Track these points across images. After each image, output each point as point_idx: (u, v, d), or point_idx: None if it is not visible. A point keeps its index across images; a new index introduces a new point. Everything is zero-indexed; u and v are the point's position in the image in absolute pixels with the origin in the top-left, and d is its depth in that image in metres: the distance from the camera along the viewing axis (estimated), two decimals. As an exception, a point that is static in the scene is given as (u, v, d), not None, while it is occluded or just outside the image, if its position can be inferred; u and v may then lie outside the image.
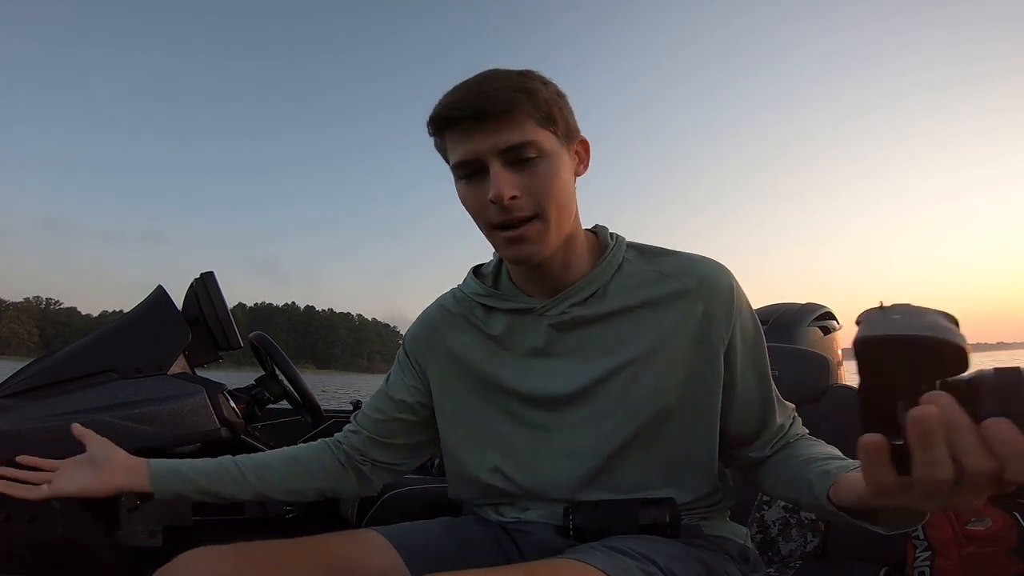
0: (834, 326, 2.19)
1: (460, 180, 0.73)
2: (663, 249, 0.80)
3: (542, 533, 0.78)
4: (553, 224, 0.71)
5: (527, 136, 0.69)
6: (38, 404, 1.25)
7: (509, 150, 0.68)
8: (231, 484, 0.83)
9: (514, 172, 0.69)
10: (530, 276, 0.79)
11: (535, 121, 0.69)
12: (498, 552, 0.80)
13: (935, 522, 1.00)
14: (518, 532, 0.81)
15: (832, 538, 1.15)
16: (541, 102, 0.70)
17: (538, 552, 0.77)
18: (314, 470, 0.87)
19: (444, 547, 0.78)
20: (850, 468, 0.64)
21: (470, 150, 0.69)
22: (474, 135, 0.69)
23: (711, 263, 0.78)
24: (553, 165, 0.71)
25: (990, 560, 0.96)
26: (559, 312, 0.77)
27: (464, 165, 0.71)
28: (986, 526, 0.99)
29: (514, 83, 0.69)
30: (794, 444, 0.79)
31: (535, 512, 0.79)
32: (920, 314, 0.43)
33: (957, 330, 0.42)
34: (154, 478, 0.81)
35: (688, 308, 0.75)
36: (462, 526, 0.83)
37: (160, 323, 1.44)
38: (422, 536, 0.79)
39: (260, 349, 1.78)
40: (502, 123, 0.68)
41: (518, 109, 0.68)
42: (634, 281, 0.77)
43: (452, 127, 0.70)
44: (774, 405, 0.79)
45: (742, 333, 0.77)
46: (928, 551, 0.99)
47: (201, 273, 1.59)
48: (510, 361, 0.80)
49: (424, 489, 1.43)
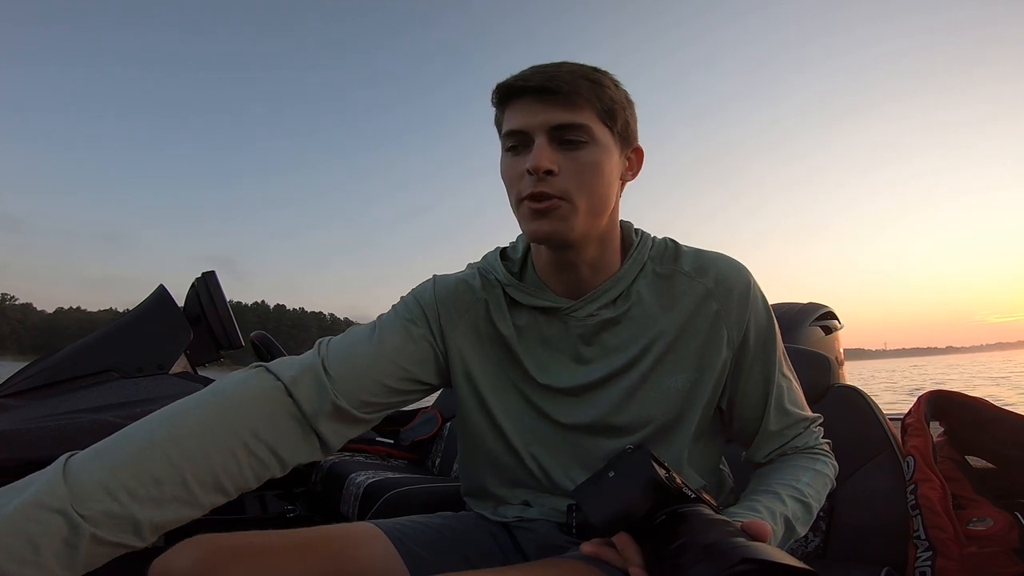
0: (835, 326, 2.19)
1: (506, 151, 0.73)
2: (685, 247, 0.81)
3: (544, 530, 0.79)
4: (582, 211, 0.70)
5: (580, 119, 0.69)
6: (39, 403, 1.25)
7: (559, 128, 0.69)
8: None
9: (558, 150, 0.69)
10: (556, 269, 0.77)
11: (594, 111, 0.70)
12: (494, 547, 0.80)
13: (936, 522, 1.00)
14: (519, 529, 0.81)
15: (833, 538, 1.15)
16: (606, 97, 0.71)
17: (540, 549, 0.78)
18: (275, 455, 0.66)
19: (439, 540, 0.78)
20: (750, 507, 0.69)
21: (522, 122, 0.70)
22: (531, 108, 0.69)
23: (730, 263, 0.79)
24: (599, 156, 0.71)
25: (991, 560, 0.96)
26: (586, 315, 0.77)
27: (513, 135, 0.71)
28: (987, 526, 0.99)
29: (585, 72, 0.70)
30: (782, 459, 0.80)
31: (537, 509, 0.79)
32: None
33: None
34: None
35: (704, 308, 0.76)
36: (459, 521, 0.83)
37: (162, 322, 1.44)
38: (418, 530, 0.79)
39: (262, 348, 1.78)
40: (560, 102, 0.69)
41: (580, 94, 0.69)
42: (657, 281, 0.78)
43: (513, 99, 0.71)
44: (772, 409, 0.79)
45: (755, 333, 0.78)
46: (929, 551, 0.99)
47: (202, 272, 1.60)
48: (533, 355, 0.79)
49: (425, 489, 1.43)
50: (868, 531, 1.13)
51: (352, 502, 1.51)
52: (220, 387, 0.67)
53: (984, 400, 1.21)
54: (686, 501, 0.54)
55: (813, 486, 0.75)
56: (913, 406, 1.20)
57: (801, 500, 0.73)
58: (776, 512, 0.69)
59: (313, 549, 0.68)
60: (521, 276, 0.82)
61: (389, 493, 1.41)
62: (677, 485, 0.53)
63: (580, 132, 0.69)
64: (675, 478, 0.54)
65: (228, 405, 0.64)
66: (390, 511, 1.37)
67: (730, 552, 0.46)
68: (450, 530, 0.81)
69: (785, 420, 0.80)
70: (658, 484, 0.52)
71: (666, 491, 0.52)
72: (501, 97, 0.72)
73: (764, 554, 0.47)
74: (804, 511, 0.72)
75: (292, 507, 1.83)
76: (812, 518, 0.74)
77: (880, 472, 1.15)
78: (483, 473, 0.83)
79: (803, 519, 0.72)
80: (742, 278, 0.78)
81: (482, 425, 0.80)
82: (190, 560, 0.61)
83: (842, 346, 2.19)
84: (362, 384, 0.71)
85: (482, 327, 0.80)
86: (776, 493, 0.72)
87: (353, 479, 1.57)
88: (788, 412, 0.80)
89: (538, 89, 0.69)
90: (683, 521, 0.51)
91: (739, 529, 0.52)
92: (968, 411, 1.20)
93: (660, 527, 0.52)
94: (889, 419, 1.23)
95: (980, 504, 1.03)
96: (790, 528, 0.70)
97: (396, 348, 0.75)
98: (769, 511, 0.69)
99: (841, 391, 1.27)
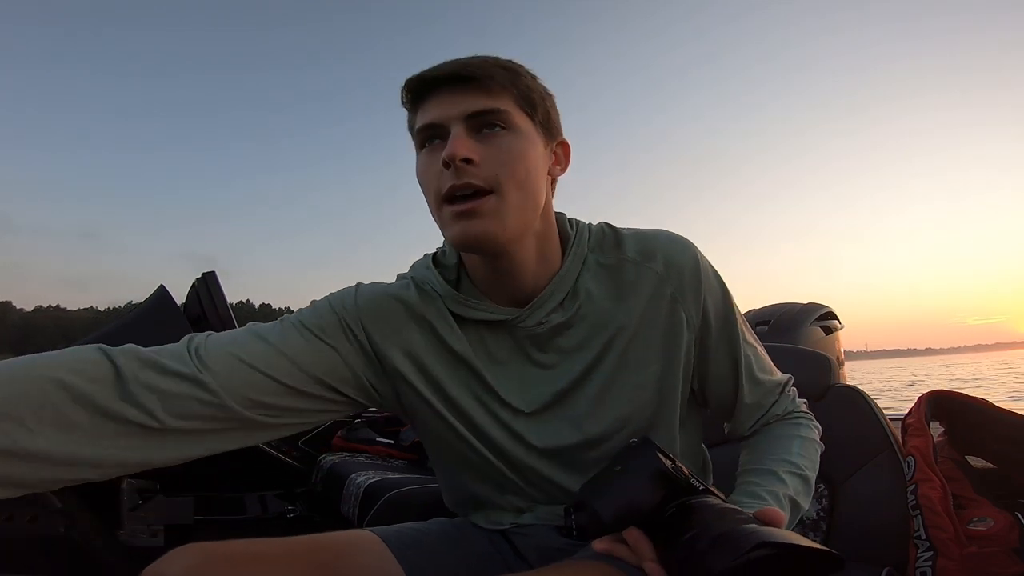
0: (836, 326, 2.19)
1: (420, 149, 0.68)
2: (624, 231, 0.77)
3: (542, 534, 0.78)
4: (512, 205, 0.65)
5: (497, 105, 0.65)
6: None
7: (476, 115, 0.65)
8: None
9: (476, 139, 0.65)
10: (496, 277, 0.71)
11: (512, 98, 0.67)
12: (493, 552, 0.79)
13: (937, 522, 1.00)
14: (516, 535, 0.80)
15: (833, 538, 1.15)
16: (523, 84, 0.68)
17: (539, 553, 0.77)
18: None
19: (437, 547, 0.77)
20: (753, 494, 0.69)
21: (435, 114, 0.65)
22: (444, 100, 0.65)
23: (674, 241, 0.76)
24: (522, 144, 0.67)
25: (992, 560, 0.96)
26: (535, 323, 0.72)
27: (426, 130, 0.66)
28: (988, 526, 0.99)
29: (499, 61, 0.68)
30: (765, 429, 0.80)
31: (532, 515, 0.78)
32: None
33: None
34: None
35: (657, 293, 0.73)
36: (458, 527, 0.82)
37: (162, 322, 1.44)
38: (417, 537, 0.77)
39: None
40: (475, 89, 0.65)
41: (496, 80, 0.65)
42: (602, 273, 0.74)
43: (425, 94, 0.66)
44: (745, 382, 0.77)
45: (714, 309, 0.76)
46: (930, 551, 0.99)
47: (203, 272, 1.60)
48: (485, 372, 0.73)
49: (426, 489, 1.43)
50: (868, 531, 1.13)
51: (352, 502, 1.51)
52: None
53: (985, 400, 1.21)
54: (695, 493, 0.53)
55: (805, 455, 0.75)
56: (913, 406, 1.20)
57: (798, 474, 0.72)
58: (780, 495, 0.69)
59: (308, 557, 0.67)
60: (458, 286, 0.75)
61: (389, 494, 1.40)
62: (684, 475, 0.53)
63: (499, 117, 0.65)
64: (682, 468, 0.54)
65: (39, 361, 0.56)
66: (390, 511, 1.37)
67: (745, 538, 0.46)
68: (448, 536, 0.80)
69: (759, 390, 0.79)
70: (665, 475, 0.52)
71: (674, 482, 0.52)
72: (412, 94, 0.67)
73: (780, 537, 0.46)
74: (804, 484, 0.72)
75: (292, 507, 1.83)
76: (812, 489, 0.74)
77: (880, 472, 1.15)
78: (468, 489, 0.80)
79: (804, 492, 0.72)
80: (690, 255, 0.74)
81: (459, 447, 0.76)
82: (181, 568, 0.60)
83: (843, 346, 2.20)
84: (249, 379, 0.63)
85: (427, 345, 0.73)
86: (774, 472, 0.72)
87: (353, 479, 1.57)
88: (760, 381, 0.79)
89: (451, 78, 0.65)
90: (694, 512, 0.51)
91: (752, 517, 0.52)
92: (969, 411, 1.20)
93: (671, 520, 0.52)
94: (889, 419, 1.23)
95: (980, 504, 1.03)
96: (796, 507, 0.70)
97: (299, 349, 0.67)
98: (773, 496, 0.68)
99: (841, 391, 1.27)
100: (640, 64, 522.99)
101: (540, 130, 0.70)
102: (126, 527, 1.29)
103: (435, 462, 0.84)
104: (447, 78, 0.65)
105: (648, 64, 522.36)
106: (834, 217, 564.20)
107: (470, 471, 0.78)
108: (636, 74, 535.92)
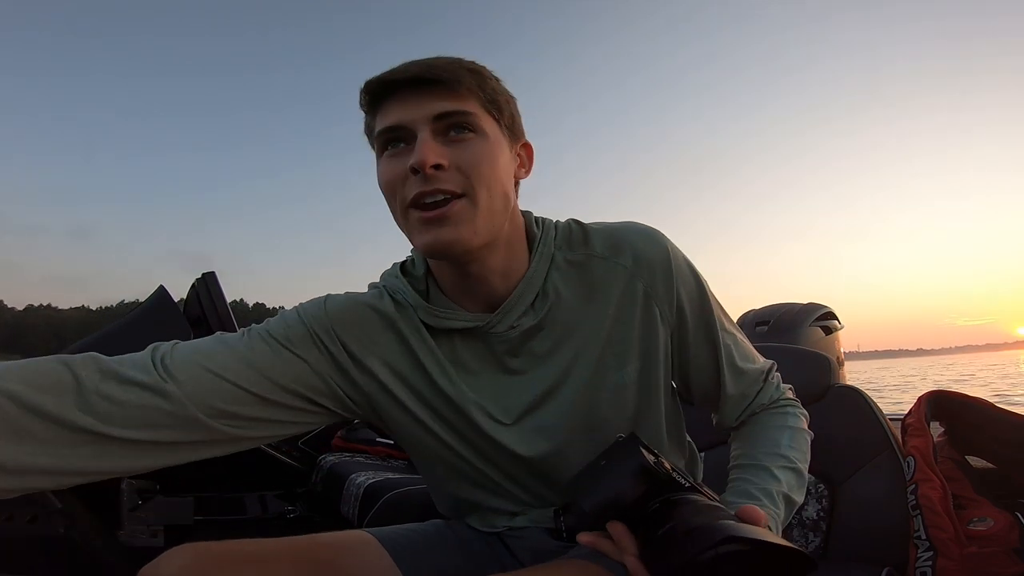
0: (835, 326, 2.20)
1: (382, 153, 0.66)
2: (592, 226, 0.75)
3: (535, 537, 0.78)
4: (483, 210, 0.64)
5: (465, 108, 0.63)
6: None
7: (443, 116, 0.63)
8: None
9: (444, 143, 0.63)
10: (464, 282, 0.70)
11: (478, 101, 0.65)
12: (490, 554, 0.79)
13: (937, 522, 1.00)
14: (510, 538, 0.80)
15: (833, 538, 1.15)
16: (489, 87, 0.66)
17: (532, 556, 0.77)
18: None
19: (434, 548, 0.77)
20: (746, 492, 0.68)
21: (400, 116, 0.63)
22: (408, 102, 0.63)
23: (641, 233, 0.74)
24: (490, 147, 0.65)
25: (992, 560, 0.96)
26: (507, 328, 0.71)
27: (389, 131, 0.64)
28: (988, 526, 0.99)
29: (464, 62, 0.66)
30: (752, 419, 0.79)
31: (524, 518, 0.78)
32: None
33: None
34: None
35: (629, 288, 0.72)
36: (454, 529, 0.82)
37: (162, 322, 1.44)
38: (415, 538, 0.77)
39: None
40: (441, 92, 0.63)
41: (462, 83, 0.63)
42: (571, 272, 0.73)
43: (387, 96, 0.64)
44: (726, 372, 0.76)
45: (688, 301, 0.74)
46: (930, 551, 0.99)
47: (203, 273, 1.60)
48: (461, 383, 0.72)
49: (425, 489, 1.43)
50: (868, 531, 1.13)
51: (352, 503, 1.51)
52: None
53: (985, 400, 1.21)
54: (679, 489, 0.54)
55: (795, 447, 0.74)
56: (913, 406, 1.20)
57: (790, 467, 0.72)
58: (773, 492, 0.68)
59: (305, 556, 0.67)
60: (427, 296, 0.73)
61: (389, 494, 1.40)
62: (666, 471, 0.53)
63: (467, 120, 0.63)
64: (664, 464, 0.54)
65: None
66: (390, 511, 1.37)
67: (716, 531, 0.46)
68: (445, 538, 0.80)
69: (743, 380, 0.78)
70: (648, 471, 0.52)
71: (655, 476, 0.52)
72: (372, 96, 0.64)
73: (751, 533, 0.46)
74: (797, 478, 0.72)
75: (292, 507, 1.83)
76: (805, 481, 0.73)
77: (880, 472, 1.15)
78: (458, 494, 0.80)
79: (798, 486, 0.72)
80: (659, 248, 0.73)
81: (445, 455, 0.75)
82: (177, 567, 0.60)
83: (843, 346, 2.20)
84: (216, 389, 0.62)
85: (403, 355, 0.72)
86: (765, 468, 0.71)
87: (353, 480, 1.57)
88: (743, 370, 0.78)
89: (416, 80, 0.62)
90: (675, 508, 0.51)
91: (731, 514, 0.52)
92: (968, 411, 1.20)
93: (653, 515, 0.52)
94: (889, 419, 1.23)
95: (980, 504, 1.03)
96: (790, 503, 0.70)
97: (266, 359, 0.66)
98: (766, 493, 0.68)
99: (841, 391, 1.27)
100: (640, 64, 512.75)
101: (506, 133, 0.69)
102: (126, 527, 1.29)
103: (422, 469, 0.83)
104: (411, 80, 0.62)
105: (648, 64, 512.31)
106: (832, 218, 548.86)
107: (459, 478, 0.77)
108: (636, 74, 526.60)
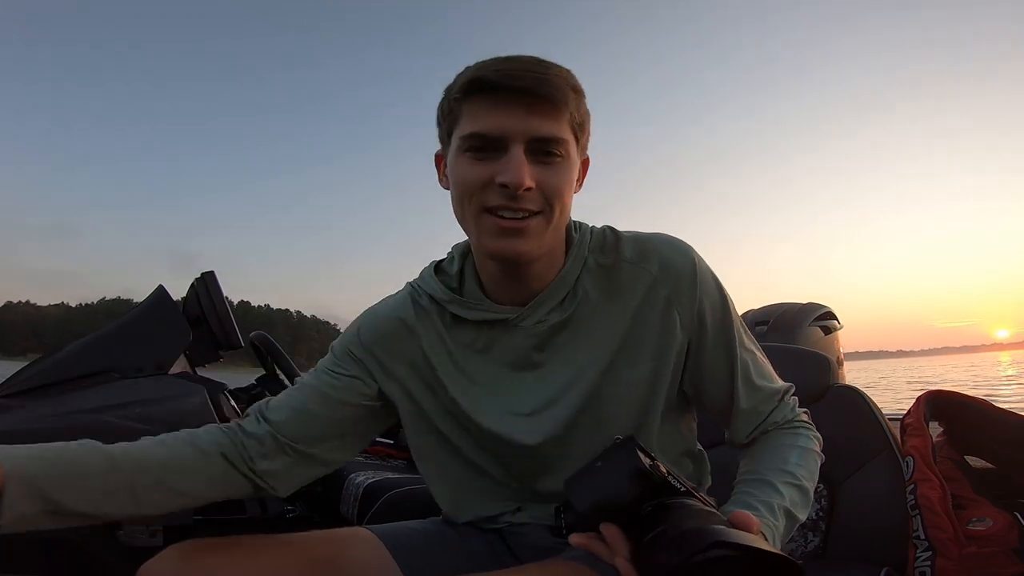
0: (835, 326, 2.19)
1: (465, 152, 0.66)
2: (625, 233, 0.77)
3: (535, 534, 0.78)
4: (553, 226, 0.68)
5: (562, 134, 0.66)
6: (39, 404, 1.25)
7: (541, 140, 0.64)
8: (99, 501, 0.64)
9: (533, 162, 0.65)
10: (507, 280, 0.73)
11: (570, 123, 0.67)
12: (488, 551, 0.79)
13: (936, 522, 1.00)
14: (510, 534, 0.80)
15: (833, 538, 1.15)
16: (581, 109, 0.68)
17: (532, 553, 0.77)
18: (206, 479, 0.72)
19: (434, 545, 0.78)
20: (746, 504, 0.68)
21: (499, 125, 0.63)
22: (513, 111, 0.63)
23: (671, 244, 0.76)
24: (570, 171, 0.68)
25: (991, 560, 0.96)
26: (535, 321, 0.73)
27: (481, 137, 0.64)
28: (987, 526, 0.99)
29: (570, 79, 0.66)
30: (763, 438, 0.78)
31: (526, 514, 0.79)
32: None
33: None
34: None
35: (652, 295, 0.73)
36: (454, 527, 0.83)
37: (161, 322, 1.44)
38: (414, 536, 0.78)
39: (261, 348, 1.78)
40: (547, 112, 0.64)
41: (567, 105, 0.65)
42: (601, 273, 0.75)
43: (489, 94, 0.64)
44: (741, 386, 0.76)
45: (711, 312, 0.75)
46: (929, 551, 0.99)
47: (202, 272, 1.60)
48: (481, 375, 0.76)
49: (425, 489, 1.43)
50: (868, 531, 1.13)
51: (352, 502, 1.51)
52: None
53: (984, 400, 1.21)
54: (674, 493, 0.54)
55: (803, 466, 0.74)
56: (912, 406, 1.20)
57: (795, 484, 0.71)
58: (774, 505, 0.68)
59: (304, 553, 0.68)
60: (460, 290, 0.78)
61: (389, 493, 1.41)
62: (661, 474, 0.53)
63: (560, 147, 0.65)
64: (659, 467, 0.54)
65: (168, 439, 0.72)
66: (390, 511, 1.37)
67: (705, 535, 0.46)
68: (444, 535, 0.80)
69: (757, 396, 0.77)
70: (643, 473, 0.52)
71: (649, 479, 0.52)
72: (474, 89, 0.64)
73: (740, 538, 0.46)
74: (801, 495, 0.71)
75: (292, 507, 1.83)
76: (810, 500, 0.73)
77: (880, 472, 1.15)
78: (462, 491, 0.81)
79: (802, 504, 0.71)
80: (687, 259, 0.74)
81: (453, 448, 0.79)
82: (176, 563, 0.61)
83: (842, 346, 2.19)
84: (302, 423, 0.75)
85: (420, 362, 0.77)
86: (769, 483, 0.70)
87: (353, 479, 1.57)
88: (758, 387, 0.77)
89: (528, 91, 0.62)
90: (668, 511, 0.51)
91: (723, 519, 0.52)
92: (968, 411, 1.20)
93: (646, 518, 0.52)
94: (888, 419, 1.23)
95: (980, 504, 1.03)
96: (791, 518, 0.69)
97: (332, 385, 0.78)
98: (767, 506, 0.68)
99: (841, 391, 1.27)
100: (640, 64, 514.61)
101: (580, 152, 0.71)
102: (125, 527, 1.29)
103: (426, 467, 0.83)
104: (521, 90, 0.62)
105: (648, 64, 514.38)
106: (830, 218, 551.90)
107: (464, 473, 0.79)
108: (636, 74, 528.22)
